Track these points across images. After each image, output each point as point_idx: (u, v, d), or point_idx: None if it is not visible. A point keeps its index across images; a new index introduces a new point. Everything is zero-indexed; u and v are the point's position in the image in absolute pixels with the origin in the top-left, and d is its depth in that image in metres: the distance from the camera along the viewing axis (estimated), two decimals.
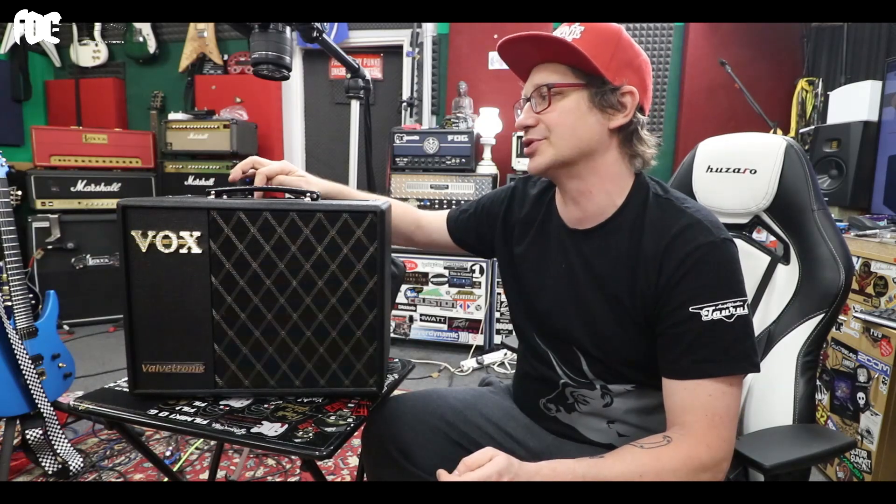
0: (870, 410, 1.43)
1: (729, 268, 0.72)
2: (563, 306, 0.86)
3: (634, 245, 0.77)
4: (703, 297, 0.70)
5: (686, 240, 0.73)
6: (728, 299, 0.70)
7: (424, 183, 2.92)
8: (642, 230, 0.77)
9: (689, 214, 0.75)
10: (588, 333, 0.83)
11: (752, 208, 1.00)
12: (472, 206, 1.06)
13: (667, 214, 0.77)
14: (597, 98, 0.76)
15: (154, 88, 3.73)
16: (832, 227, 0.91)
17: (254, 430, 0.77)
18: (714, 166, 1.05)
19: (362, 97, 1.31)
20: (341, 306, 0.84)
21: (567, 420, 0.91)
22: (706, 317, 0.70)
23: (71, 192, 3.11)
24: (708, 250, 0.71)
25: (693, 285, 0.71)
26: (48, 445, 1.58)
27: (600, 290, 0.81)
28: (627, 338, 0.79)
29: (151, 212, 0.80)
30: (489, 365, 2.68)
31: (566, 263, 0.86)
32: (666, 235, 0.74)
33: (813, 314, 0.90)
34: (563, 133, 0.77)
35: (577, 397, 0.88)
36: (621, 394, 0.84)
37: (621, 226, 0.80)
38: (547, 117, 0.78)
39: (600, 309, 0.81)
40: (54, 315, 1.73)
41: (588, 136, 0.77)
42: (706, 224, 0.74)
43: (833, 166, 2.14)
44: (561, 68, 0.77)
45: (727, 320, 0.70)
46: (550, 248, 0.89)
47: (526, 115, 0.80)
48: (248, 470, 1.71)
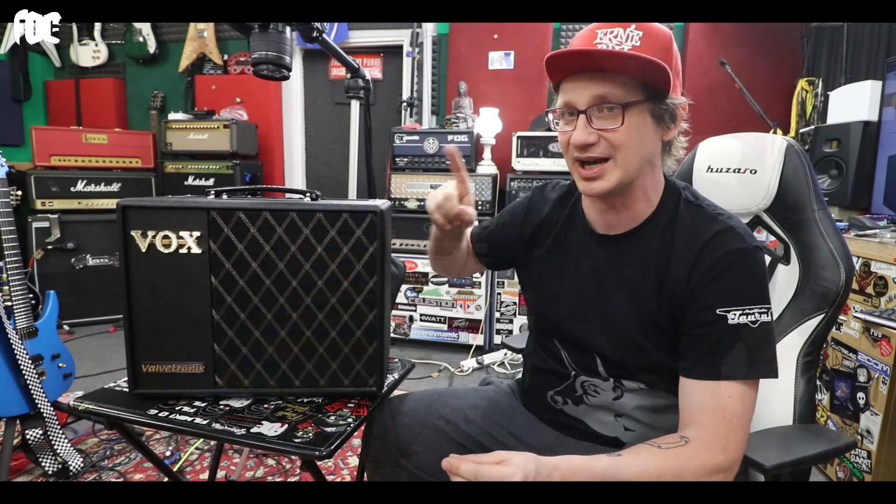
0: (870, 410, 1.43)
1: (758, 275, 0.73)
2: (583, 310, 0.85)
3: (666, 248, 0.77)
4: (731, 300, 0.70)
5: (719, 244, 0.73)
6: (755, 305, 0.70)
7: (424, 183, 2.92)
8: (674, 234, 0.77)
9: (721, 221, 0.76)
10: (608, 338, 0.83)
11: (753, 208, 1.00)
12: (493, 221, 1.05)
13: (699, 220, 0.77)
14: (657, 112, 0.74)
15: (154, 88, 3.73)
16: (832, 227, 0.91)
17: (254, 430, 0.77)
18: (714, 166, 1.05)
19: (362, 97, 1.31)
20: (341, 306, 0.84)
21: (574, 413, 0.90)
22: (733, 320, 0.70)
23: (71, 192, 3.11)
24: (740, 255, 0.72)
25: (723, 288, 0.71)
26: (48, 445, 1.58)
27: (627, 294, 0.80)
28: (650, 343, 0.78)
29: (151, 212, 0.80)
30: (489, 365, 2.68)
31: (591, 268, 0.85)
32: (699, 240, 0.74)
33: (813, 314, 0.90)
34: (630, 152, 0.73)
35: (587, 388, 0.88)
36: (633, 390, 0.84)
37: (654, 230, 0.80)
38: (612, 136, 0.72)
39: (625, 313, 0.80)
40: (54, 315, 1.73)
41: (650, 153, 0.76)
42: (739, 231, 0.74)
43: (833, 166, 2.14)
44: (625, 80, 0.71)
45: (752, 325, 0.70)
46: (572, 252, 0.88)
47: (586, 131, 0.73)
48: (248, 470, 1.71)
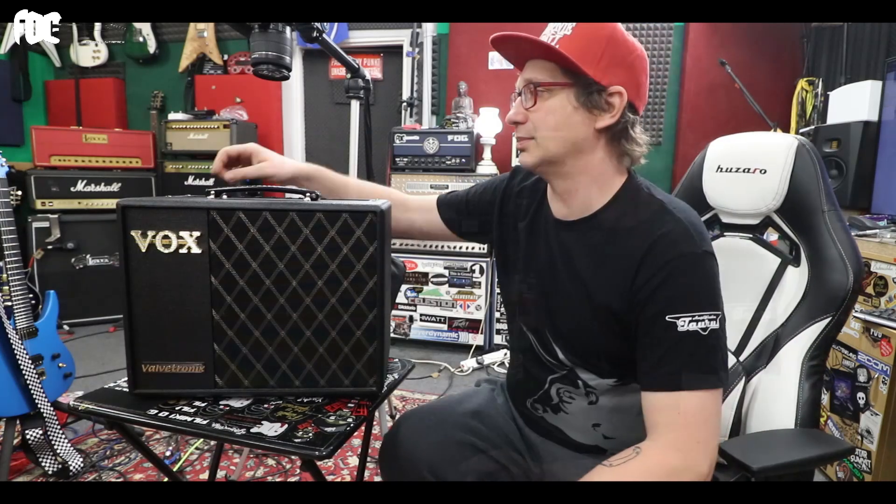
0: (870, 410, 1.43)
1: (708, 280, 0.72)
2: (538, 292, 0.88)
3: (619, 243, 0.77)
4: (680, 307, 0.70)
5: (670, 244, 0.72)
6: (705, 311, 0.70)
7: (424, 183, 2.92)
8: (627, 230, 0.77)
9: (676, 217, 0.75)
10: (558, 321, 0.84)
11: (763, 209, 0.98)
12: (465, 191, 1.05)
13: (654, 214, 0.76)
14: (583, 98, 0.75)
15: (154, 88, 3.73)
16: (842, 228, 0.89)
17: (254, 430, 0.77)
18: (724, 166, 1.03)
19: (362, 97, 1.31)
20: (341, 306, 0.84)
21: (553, 421, 0.91)
22: (682, 327, 0.69)
23: (71, 192, 3.11)
24: (691, 261, 0.71)
25: (671, 294, 0.71)
26: (48, 445, 1.58)
27: (577, 280, 0.81)
28: (600, 330, 0.79)
29: (151, 212, 0.80)
30: (489, 365, 2.68)
31: (549, 253, 0.86)
32: (651, 234, 0.74)
33: (820, 317, 0.88)
34: (548, 133, 0.77)
35: (562, 395, 0.88)
36: (605, 391, 0.84)
37: (602, 223, 0.80)
38: (533, 116, 0.78)
39: (574, 298, 0.81)
40: (54, 315, 1.73)
41: (573, 136, 0.77)
42: (692, 231, 0.73)
43: (833, 166, 2.14)
44: (550, 66, 0.76)
45: (702, 332, 0.69)
46: (539, 237, 0.89)
47: (516, 110, 0.80)
48: (248, 470, 1.71)
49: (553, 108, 0.76)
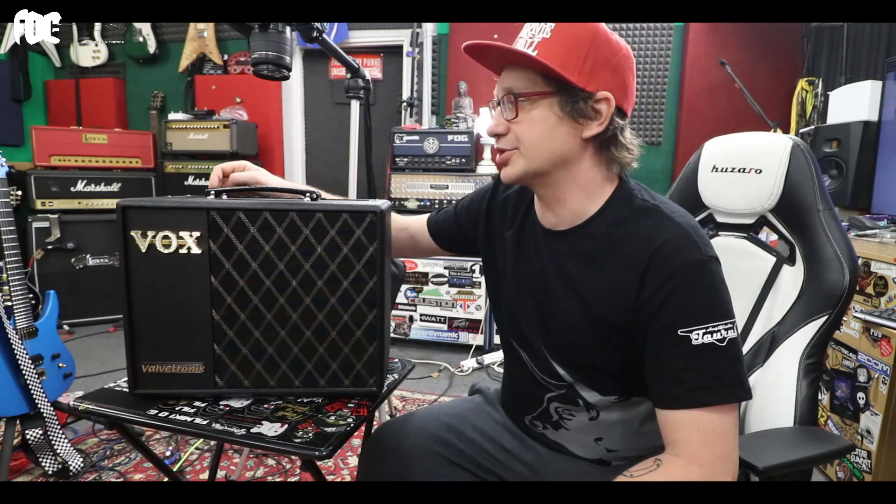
0: (870, 410, 1.43)
1: (717, 288, 0.68)
2: (527, 305, 0.84)
3: (616, 251, 0.73)
4: (692, 319, 0.66)
5: (673, 252, 0.68)
6: (719, 322, 0.66)
7: (424, 183, 2.92)
8: (623, 237, 0.73)
9: (675, 223, 0.71)
10: (552, 334, 0.80)
11: (758, 208, 0.99)
12: (452, 207, 1.03)
13: (651, 220, 0.72)
14: (568, 107, 0.70)
15: (154, 88, 3.74)
16: (838, 227, 0.90)
17: (254, 430, 0.77)
18: (720, 166, 1.04)
19: (362, 97, 1.31)
20: (341, 306, 0.84)
21: (555, 437, 0.89)
22: (696, 340, 0.65)
23: (71, 192, 3.11)
24: (697, 268, 0.67)
25: (681, 307, 0.67)
26: (48, 445, 1.58)
27: (571, 292, 0.77)
28: (598, 342, 0.75)
29: (151, 212, 0.80)
30: (489, 365, 2.68)
31: (539, 264, 0.83)
32: (651, 242, 0.69)
33: (816, 316, 0.88)
34: (533, 145, 0.73)
35: (561, 413, 0.86)
36: (606, 407, 0.82)
37: (594, 232, 0.76)
38: (516, 128, 0.74)
39: (570, 311, 0.77)
40: (54, 315, 1.73)
41: (559, 148, 0.73)
42: (694, 237, 0.69)
43: (833, 166, 2.14)
44: (529, 74, 0.71)
45: (719, 344, 0.65)
46: (527, 247, 0.86)
47: (497, 121, 0.76)
48: (248, 470, 1.71)
49: (536, 119, 0.72)
